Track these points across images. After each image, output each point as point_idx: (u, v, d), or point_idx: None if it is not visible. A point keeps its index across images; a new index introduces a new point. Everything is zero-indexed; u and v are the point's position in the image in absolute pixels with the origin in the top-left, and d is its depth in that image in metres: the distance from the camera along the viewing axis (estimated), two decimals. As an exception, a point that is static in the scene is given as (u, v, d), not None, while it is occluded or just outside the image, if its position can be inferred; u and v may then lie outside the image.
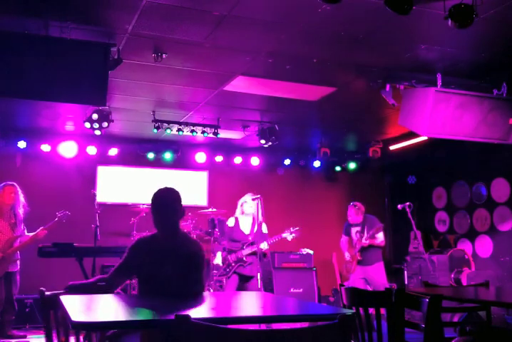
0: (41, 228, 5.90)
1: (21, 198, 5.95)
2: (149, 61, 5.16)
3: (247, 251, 5.89)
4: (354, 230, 6.88)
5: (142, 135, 8.21)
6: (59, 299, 2.49)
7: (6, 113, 7.08)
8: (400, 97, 5.56)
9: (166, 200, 3.30)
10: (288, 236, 6.11)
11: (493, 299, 3.68)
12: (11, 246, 5.79)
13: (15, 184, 5.94)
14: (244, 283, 5.87)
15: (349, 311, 2.44)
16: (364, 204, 7.10)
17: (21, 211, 5.93)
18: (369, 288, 6.69)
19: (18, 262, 5.92)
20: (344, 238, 7.07)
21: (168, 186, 3.36)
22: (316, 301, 7.49)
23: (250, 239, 5.96)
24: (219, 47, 4.89)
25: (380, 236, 6.71)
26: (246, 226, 6.10)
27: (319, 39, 4.71)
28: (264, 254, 6.02)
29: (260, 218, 5.86)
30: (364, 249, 6.67)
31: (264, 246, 5.86)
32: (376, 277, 6.64)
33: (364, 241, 6.61)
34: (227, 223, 6.26)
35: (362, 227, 6.75)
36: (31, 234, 5.95)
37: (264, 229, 6.08)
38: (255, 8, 4.12)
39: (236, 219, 6.12)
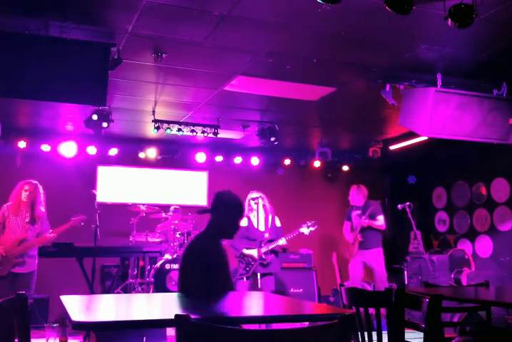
0: (50, 231, 5.83)
1: (41, 196, 5.82)
2: (149, 61, 5.16)
3: (265, 249, 5.82)
4: (354, 213, 6.98)
5: (142, 135, 8.21)
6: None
7: (6, 113, 7.08)
8: (400, 97, 5.56)
9: (242, 205, 3.43)
10: (305, 230, 6.09)
11: (493, 299, 3.68)
12: (19, 246, 5.70)
13: (32, 181, 5.78)
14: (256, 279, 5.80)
15: (349, 311, 2.44)
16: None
17: (42, 209, 5.82)
18: (369, 287, 6.71)
19: (32, 264, 5.71)
20: (346, 223, 7.18)
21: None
22: (316, 301, 7.49)
23: (267, 235, 5.87)
24: (219, 47, 4.89)
25: (380, 219, 6.82)
26: (260, 223, 6.03)
27: (319, 39, 4.71)
28: (284, 249, 6.03)
29: (263, 214, 5.88)
30: (364, 230, 6.75)
31: (282, 242, 5.89)
32: (374, 262, 6.74)
33: (363, 220, 6.67)
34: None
35: (363, 211, 6.85)
36: (48, 235, 5.82)
37: (278, 222, 6.07)
38: (255, 8, 4.12)
39: (248, 217, 6.06)
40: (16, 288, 5.42)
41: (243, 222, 6.07)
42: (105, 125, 6.35)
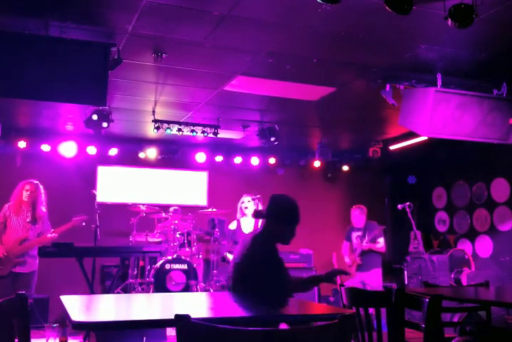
0: (51, 231, 5.83)
1: (42, 196, 5.83)
2: (149, 61, 5.16)
3: None
4: (354, 235, 6.92)
5: (142, 135, 8.21)
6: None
7: (6, 113, 7.08)
8: (400, 97, 5.56)
9: (296, 210, 3.25)
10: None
11: (493, 299, 3.68)
12: (20, 245, 5.66)
13: (33, 181, 5.79)
14: None
15: (349, 311, 2.44)
16: (364, 204, 7.11)
17: (43, 208, 5.81)
18: (369, 288, 6.70)
19: (33, 263, 5.71)
20: (345, 243, 7.12)
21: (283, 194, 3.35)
22: (316, 301, 7.48)
23: None
24: (219, 47, 4.89)
25: (381, 242, 6.75)
26: (248, 227, 6.11)
27: (319, 39, 4.71)
28: None
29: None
30: (364, 254, 6.71)
31: None
32: (371, 281, 6.70)
33: (364, 244, 6.66)
34: (228, 226, 6.24)
35: (364, 232, 6.79)
36: (49, 235, 5.82)
37: None
38: (255, 8, 4.12)
39: (238, 221, 6.13)
40: (17, 287, 5.42)
41: (232, 225, 6.15)
42: (105, 125, 6.35)
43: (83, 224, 6.01)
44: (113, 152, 8.30)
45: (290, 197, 3.31)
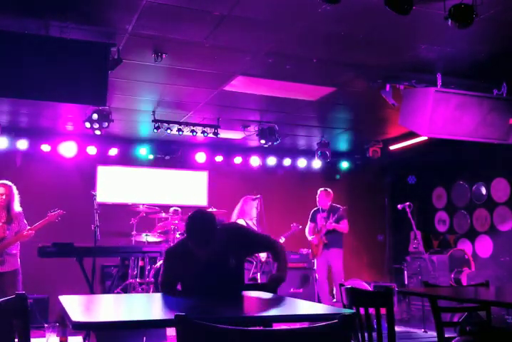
0: (27, 228, 5.80)
1: (16, 196, 5.78)
2: (149, 61, 5.16)
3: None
4: (319, 216, 7.39)
5: (143, 135, 8.21)
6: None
7: (6, 113, 7.08)
8: (400, 97, 5.56)
9: (206, 227, 3.14)
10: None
11: (493, 299, 3.68)
12: None
13: (6, 183, 5.69)
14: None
15: (349, 311, 2.44)
16: (364, 204, 7.15)
17: (17, 208, 5.79)
18: (369, 287, 6.73)
19: (14, 262, 5.66)
20: (310, 224, 7.54)
21: (201, 210, 3.29)
22: (316, 301, 7.49)
23: None
24: (219, 47, 4.89)
25: (345, 223, 7.29)
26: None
27: (319, 39, 4.71)
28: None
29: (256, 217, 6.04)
30: (328, 233, 7.21)
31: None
32: (334, 262, 7.19)
33: (329, 224, 7.17)
34: None
35: (328, 213, 7.28)
36: (25, 232, 5.79)
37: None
38: (255, 8, 4.12)
39: (246, 223, 6.33)
40: (3, 287, 5.43)
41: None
42: (105, 125, 6.35)
43: (59, 218, 5.96)
44: (113, 152, 8.30)
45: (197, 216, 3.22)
